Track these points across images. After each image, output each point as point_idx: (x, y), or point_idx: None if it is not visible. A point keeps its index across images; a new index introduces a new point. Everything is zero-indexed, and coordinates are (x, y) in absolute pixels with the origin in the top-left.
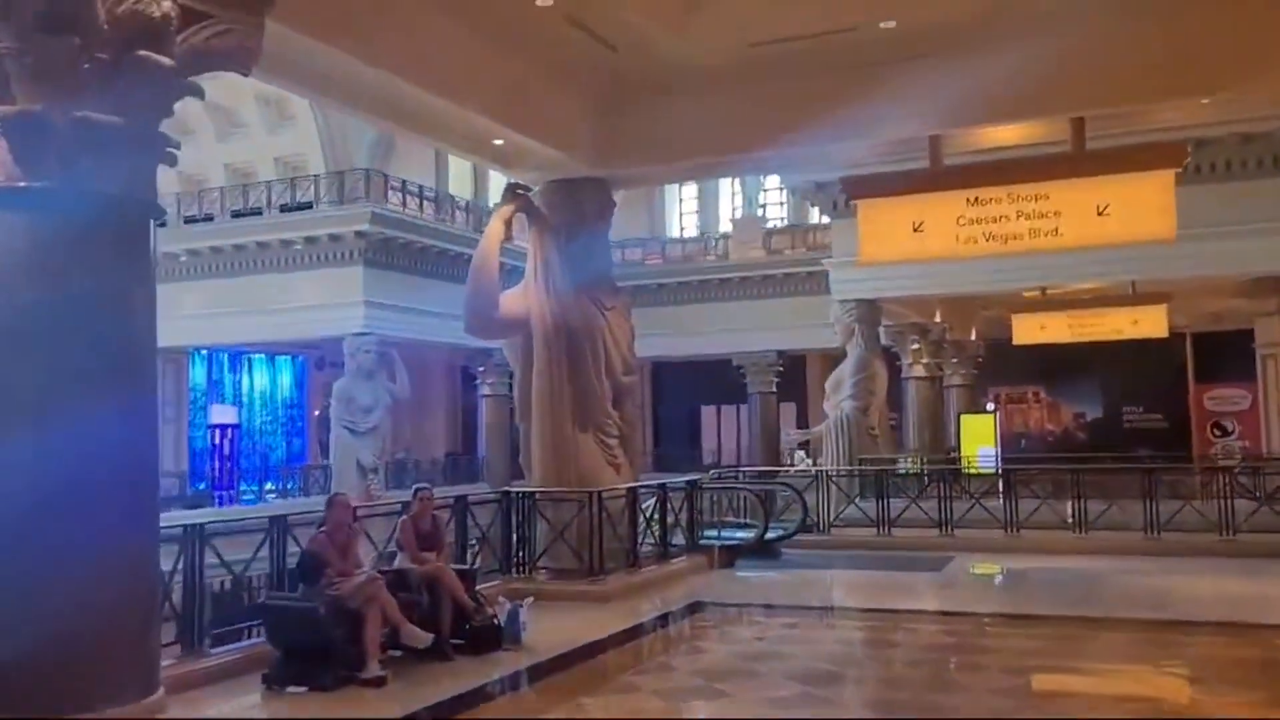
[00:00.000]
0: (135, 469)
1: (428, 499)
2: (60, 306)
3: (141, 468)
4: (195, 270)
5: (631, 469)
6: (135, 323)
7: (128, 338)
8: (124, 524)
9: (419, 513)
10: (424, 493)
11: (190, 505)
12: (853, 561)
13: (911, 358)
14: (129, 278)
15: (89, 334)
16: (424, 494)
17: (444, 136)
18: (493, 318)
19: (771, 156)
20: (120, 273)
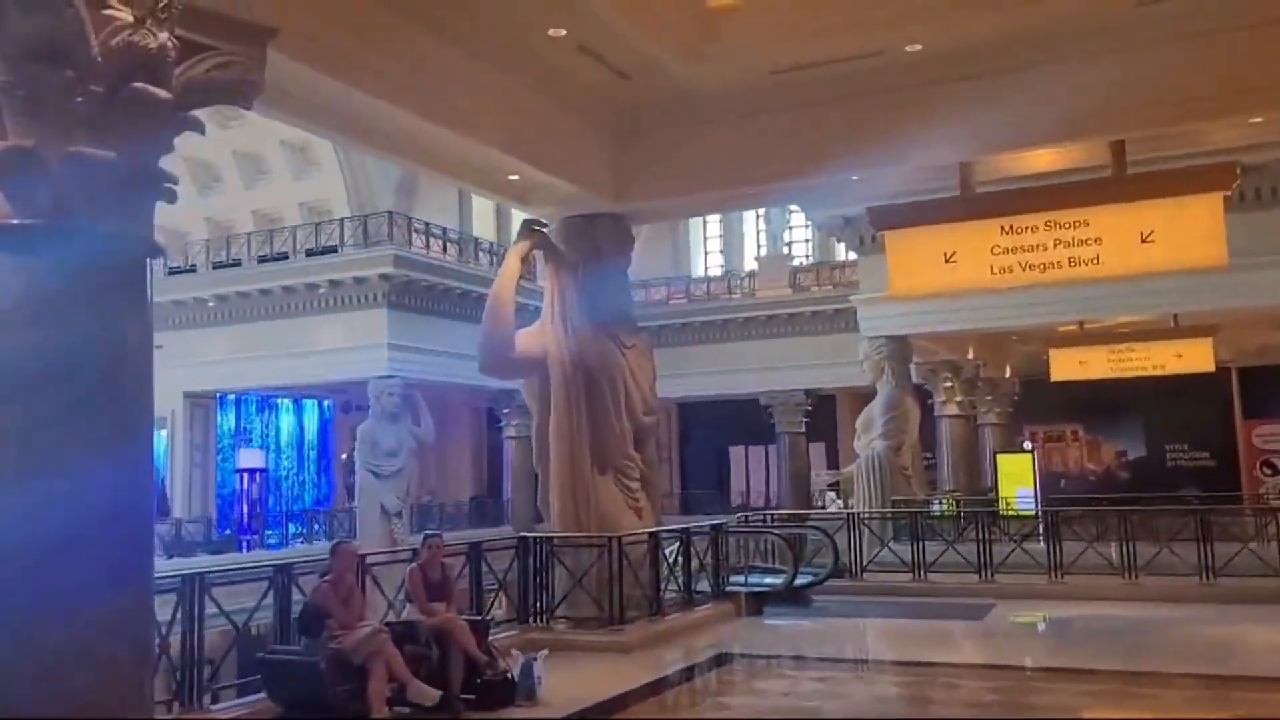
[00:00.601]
0: (129, 521)
1: (437, 546)
2: (53, 349)
3: (135, 519)
4: (223, 315)
5: (654, 512)
6: (131, 366)
7: (123, 382)
8: (116, 579)
9: (428, 561)
10: (433, 540)
11: (215, 550)
12: (887, 609)
13: (944, 395)
14: (125, 319)
15: (83, 378)
16: (433, 541)
17: (457, 172)
18: (508, 357)
19: (795, 187)
20: (116, 314)
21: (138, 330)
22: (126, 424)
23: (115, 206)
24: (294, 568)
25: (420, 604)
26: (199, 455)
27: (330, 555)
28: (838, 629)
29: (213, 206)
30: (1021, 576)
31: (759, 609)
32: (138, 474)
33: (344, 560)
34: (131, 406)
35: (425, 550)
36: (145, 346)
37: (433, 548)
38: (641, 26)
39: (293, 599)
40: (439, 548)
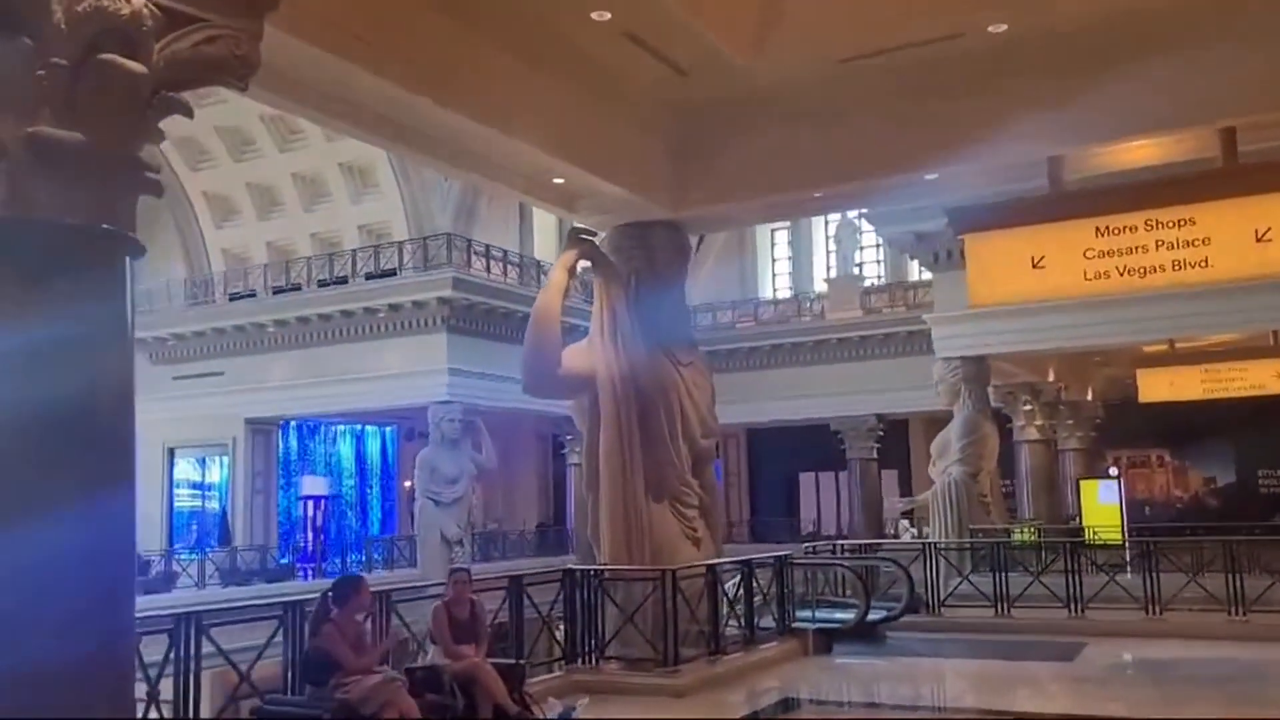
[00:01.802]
0: (105, 564)
1: (462, 581)
2: (10, 363)
3: (114, 562)
4: (283, 341)
5: (714, 543)
6: (105, 383)
7: (96, 401)
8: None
9: (454, 598)
10: (458, 575)
11: (271, 579)
12: (968, 647)
13: (1024, 419)
14: (97, 327)
15: (46, 397)
16: (458, 576)
17: (498, 175)
18: (554, 375)
19: (865, 190)
20: (86, 321)
21: (113, 340)
22: (103, 455)
23: (86, 198)
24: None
25: (445, 646)
26: (260, 482)
27: (334, 592)
28: (914, 670)
29: (273, 230)
30: (1115, 612)
31: (828, 647)
32: (115, 516)
33: (354, 599)
34: (106, 431)
35: (450, 585)
36: (123, 360)
37: (458, 583)
38: (692, 7)
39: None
40: (465, 583)
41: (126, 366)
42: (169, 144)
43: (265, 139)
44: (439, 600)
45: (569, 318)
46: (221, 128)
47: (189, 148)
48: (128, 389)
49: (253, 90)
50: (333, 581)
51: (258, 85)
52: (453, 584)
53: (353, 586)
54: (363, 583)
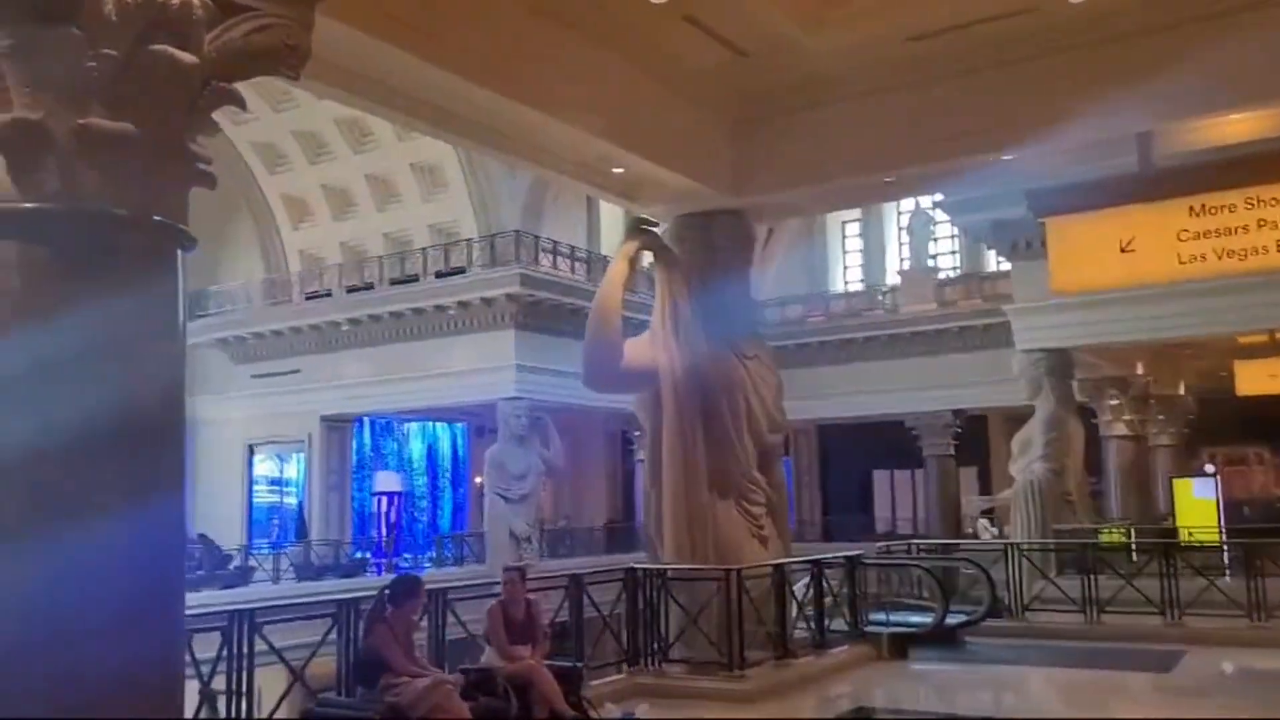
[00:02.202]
0: (155, 563)
1: (515, 580)
2: (59, 358)
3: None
4: (357, 339)
5: (782, 541)
6: (155, 377)
7: (146, 396)
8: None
9: (509, 597)
10: (510, 573)
11: (345, 574)
12: (1054, 655)
13: (1111, 414)
14: (147, 320)
15: (95, 391)
16: (510, 575)
17: (555, 164)
18: (615, 370)
19: (937, 173)
20: (136, 314)
21: (164, 334)
22: (153, 452)
23: (136, 189)
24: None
25: (500, 647)
26: (335, 479)
27: (390, 591)
28: (996, 679)
29: (347, 231)
30: (1216, 619)
31: (903, 652)
32: (164, 513)
33: (408, 600)
34: (156, 427)
35: (505, 584)
36: (174, 354)
37: (510, 582)
38: None
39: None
40: (518, 582)
41: (177, 360)
42: (248, 148)
43: (339, 142)
44: (495, 599)
45: (630, 312)
46: (298, 131)
47: (267, 152)
48: (178, 383)
49: (309, 83)
50: (390, 580)
51: (312, 77)
52: (506, 583)
53: (407, 587)
54: (418, 584)
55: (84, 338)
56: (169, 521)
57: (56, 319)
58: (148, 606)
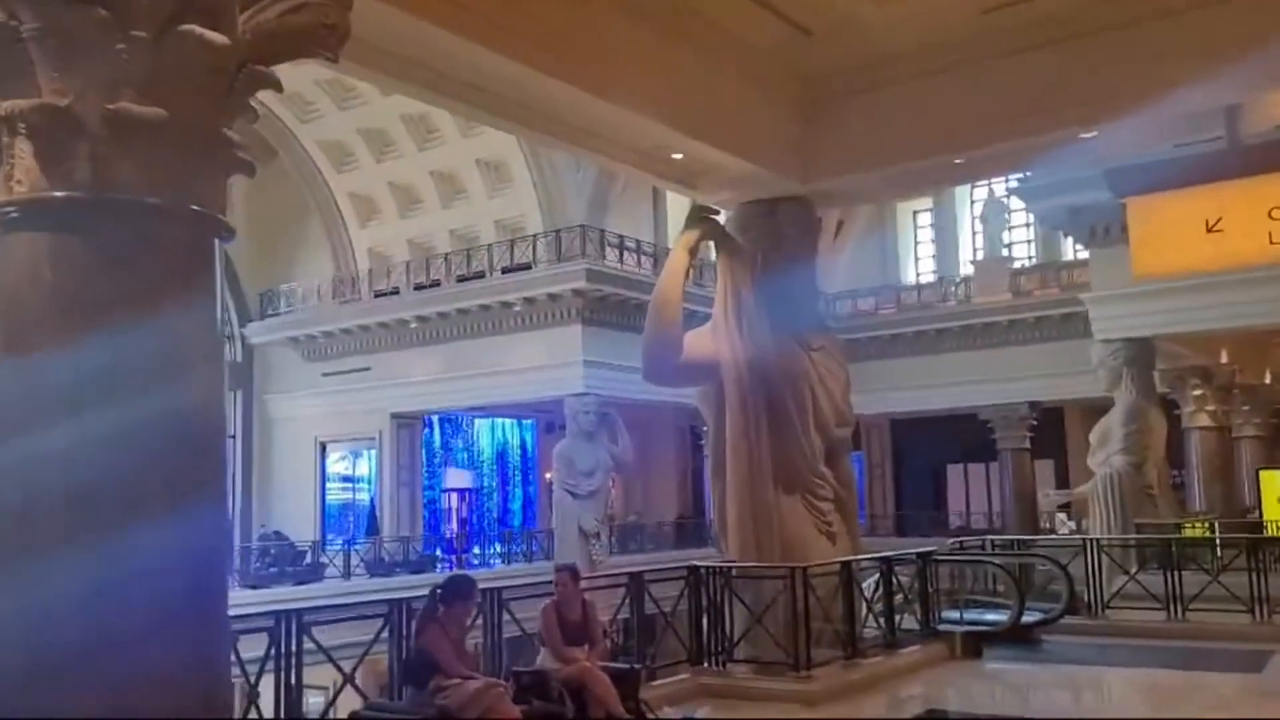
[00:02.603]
0: (195, 565)
1: (569, 581)
2: (94, 354)
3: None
4: (425, 336)
5: (851, 538)
6: (191, 372)
7: (184, 393)
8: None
9: (563, 596)
10: (563, 573)
11: (414, 570)
12: (1136, 654)
13: (1193, 405)
14: (183, 312)
15: (129, 386)
16: (562, 575)
17: (612, 151)
18: (676, 362)
19: (1012, 154)
20: (172, 308)
21: (201, 328)
22: (190, 451)
23: (170, 177)
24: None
25: (554, 649)
26: (405, 475)
27: (442, 590)
28: (1076, 680)
29: (413, 228)
30: None
31: (977, 651)
32: (204, 514)
33: (460, 602)
34: (196, 429)
35: (558, 584)
36: (211, 351)
37: (562, 583)
38: None
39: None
40: (570, 582)
41: (214, 354)
42: (315, 147)
43: (404, 139)
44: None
45: (690, 304)
46: (364, 129)
47: (334, 150)
48: (216, 379)
49: (352, 67)
50: (443, 579)
51: (356, 61)
52: (558, 583)
53: (458, 587)
54: (469, 584)
55: (120, 332)
56: (211, 521)
57: (90, 313)
58: (189, 612)
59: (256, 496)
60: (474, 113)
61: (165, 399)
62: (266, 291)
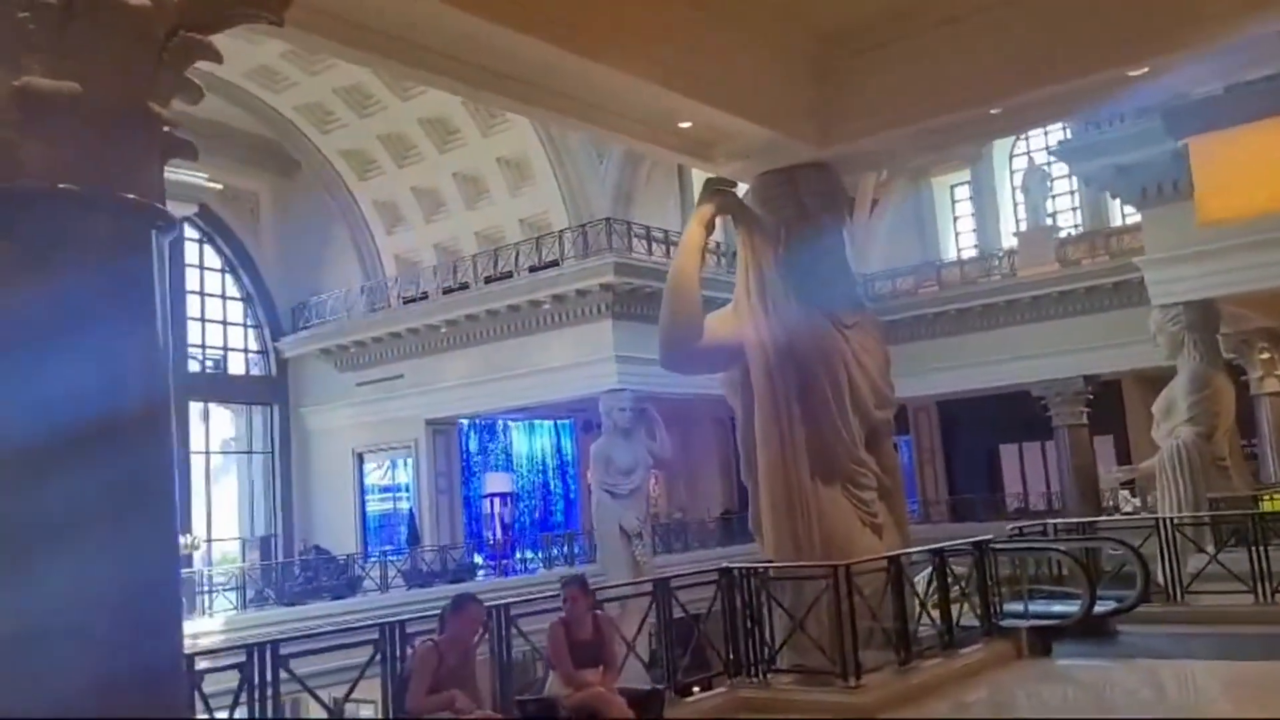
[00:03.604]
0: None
1: (578, 595)
2: (9, 367)
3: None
4: (455, 340)
5: (899, 530)
6: (128, 387)
7: (116, 402)
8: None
9: (573, 613)
10: (573, 588)
11: (454, 579)
12: (1223, 645)
13: (1261, 369)
14: (117, 319)
15: (53, 406)
16: (571, 589)
17: (616, 124)
18: (695, 347)
19: (1052, 100)
20: (103, 312)
21: (140, 334)
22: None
23: (92, 161)
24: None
25: (562, 672)
26: (444, 482)
27: (452, 610)
28: (1160, 676)
29: (439, 232)
30: None
31: (1046, 648)
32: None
33: (452, 622)
34: (133, 442)
35: (567, 598)
36: (150, 354)
37: (572, 597)
38: None
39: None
40: (580, 596)
41: (154, 359)
42: (337, 156)
43: (425, 143)
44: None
45: (712, 291)
46: (384, 135)
47: (357, 159)
48: (157, 385)
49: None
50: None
51: (313, 30)
52: (567, 597)
53: (453, 605)
54: (464, 601)
55: (41, 342)
56: (154, 552)
57: (4, 323)
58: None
59: (298, 511)
60: (471, 91)
61: (96, 410)
62: (298, 305)
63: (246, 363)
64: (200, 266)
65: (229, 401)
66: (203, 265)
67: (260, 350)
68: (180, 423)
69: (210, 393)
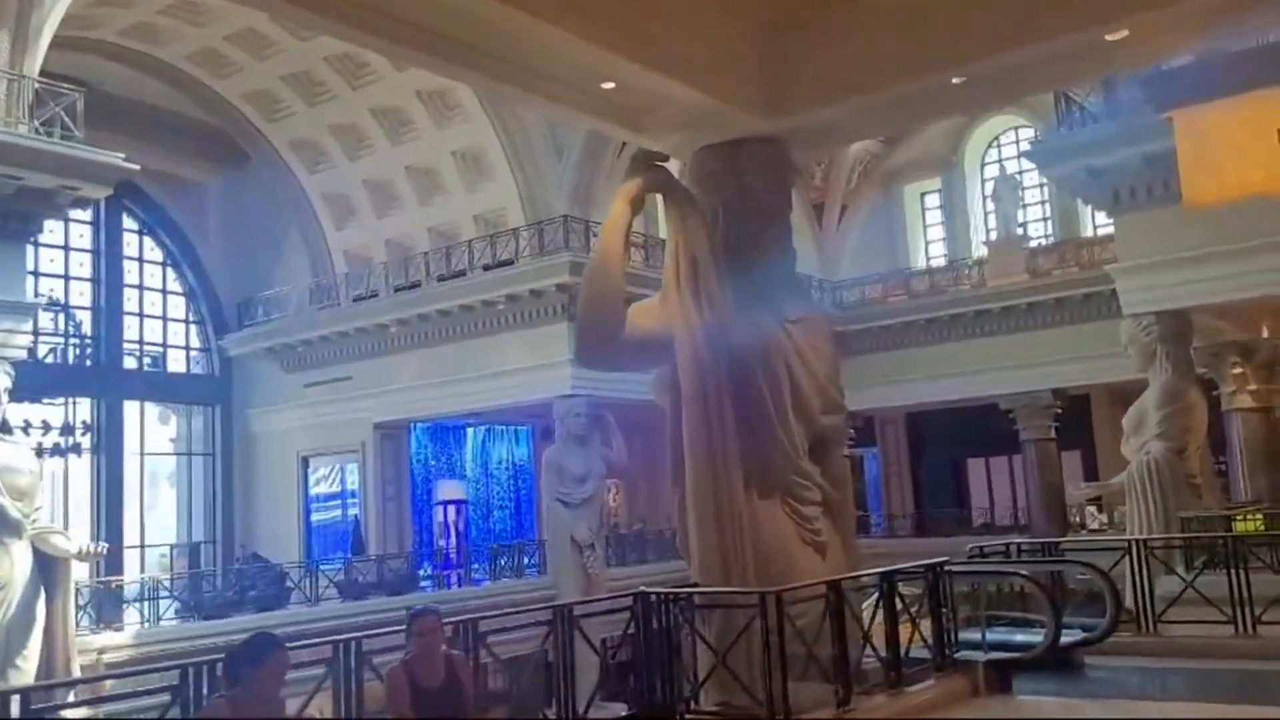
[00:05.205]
0: None
1: (430, 630)
2: None
3: None
4: (406, 341)
5: (845, 550)
6: None
7: None
8: None
9: (420, 654)
10: (423, 620)
11: (392, 591)
12: (1202, 681)
13: (1234, 384)
14: None
15: None
16: (423, 623)
17: (529, 82)
18: (616, 340)
19: (1021, 68)
20: None
21: None
22: None
23: None
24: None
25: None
26: (392, 489)
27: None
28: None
29: (392, 228)
30: None
31: (1005, 683)
32: None
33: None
34: None
35: (414, 636)
36: None
37: (423, 633)
38: None
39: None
40: (432, 631)
41: None
42: (287, 147)
43: (377, 134)
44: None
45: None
46: (335, 126)
47: (307, 150)
48: None
49: None
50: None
51: None
52: (418, 633)
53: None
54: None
55: None
56: None
57: None
58: None
59: (239, 518)
60: (375, 42)
61: None
62: (244, 301)
63: (188, 361)
64: (140, 259)
65: (168, 401)
66: (142, 258)
67: (203, 348)
68: (114, 422)
69: (148, 392)
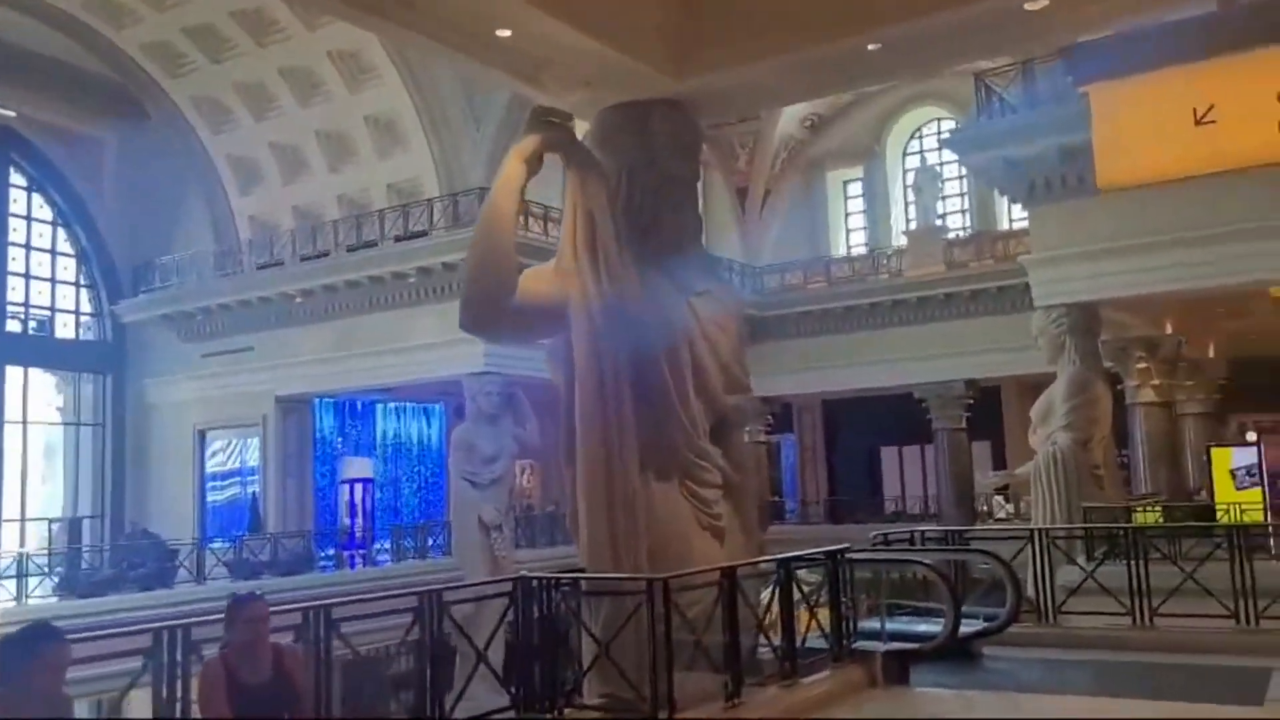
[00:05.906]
0: None
1: (257, 619)
2: None
3: None
4: (312, 313)
5: (745, 535)
6: None
7: None
8: None
9: (241, 648)
10: (249, 608)
11: (284, 572)
12: (1099, 674)
13: (1138, 379)
14: None
15: None
16: (250, 610)
17: (417, 24)
18: (505, 306)
19: (939, 35)
20: None
21: None
22: None
23: None
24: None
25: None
26: (293, 465)
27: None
28: (1031, 712)
29: (300, 194)
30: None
31: (904, 674)
32: None
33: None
34: None
35: (239, 624)
36: None
37: (250, 620)
38: None
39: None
40: (258, 620)
41: None
42: (189, 104)
43: (286, 95)
44: (220, 650)
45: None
46: (241, 84)
47: (210, 108)
48: None
49: None
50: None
51: None
52: (241, 624)
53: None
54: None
55: None
56: None
57: None
58: None
59: (130, 492)
60: None
61: None
62: (141, 266)
63: (77, 326)
64: (28, 217)
65: (55, 368)
66: (30, 216)
67: (94, 313)
68: None
69: (33, 357)
